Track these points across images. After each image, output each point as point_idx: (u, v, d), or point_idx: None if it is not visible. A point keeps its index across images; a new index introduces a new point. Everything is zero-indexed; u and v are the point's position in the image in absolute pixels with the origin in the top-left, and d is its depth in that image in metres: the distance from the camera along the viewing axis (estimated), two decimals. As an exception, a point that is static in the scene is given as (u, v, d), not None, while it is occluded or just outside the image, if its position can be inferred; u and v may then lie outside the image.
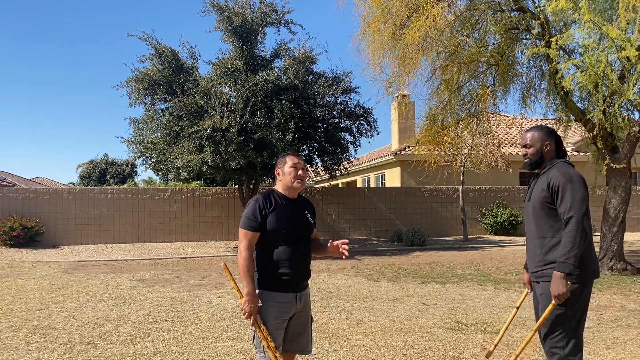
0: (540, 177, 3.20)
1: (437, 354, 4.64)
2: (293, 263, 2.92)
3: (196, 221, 16.68)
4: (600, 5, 8.05)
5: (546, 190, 3.06)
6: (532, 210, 3.16)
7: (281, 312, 2.91)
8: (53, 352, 4.80)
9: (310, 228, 3.07)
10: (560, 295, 2.88)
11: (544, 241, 3.07)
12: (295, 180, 2.99)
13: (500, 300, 7.06)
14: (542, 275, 3.07)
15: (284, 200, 3.01)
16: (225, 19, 12.90)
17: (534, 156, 3.22)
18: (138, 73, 13.34)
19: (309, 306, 3.11)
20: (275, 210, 2.93)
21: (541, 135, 3.22)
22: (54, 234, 15.60)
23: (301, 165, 3.04)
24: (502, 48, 9.68)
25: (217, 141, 12.18)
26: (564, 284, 2.87)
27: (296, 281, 2.95)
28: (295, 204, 3.05)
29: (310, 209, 3.16)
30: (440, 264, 11.04)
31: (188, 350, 4.81)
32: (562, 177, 3.01)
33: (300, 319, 3.03)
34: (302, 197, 3.18)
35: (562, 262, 2.88)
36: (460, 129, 11.75)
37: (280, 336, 2.91)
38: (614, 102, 8.14)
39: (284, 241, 2.92)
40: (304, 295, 3.03)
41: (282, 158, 3.09)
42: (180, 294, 7.73)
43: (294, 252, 2.93)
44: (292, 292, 2.95)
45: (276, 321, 2.90)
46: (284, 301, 2.92)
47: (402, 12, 9.62)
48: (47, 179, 43.82)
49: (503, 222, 17.49)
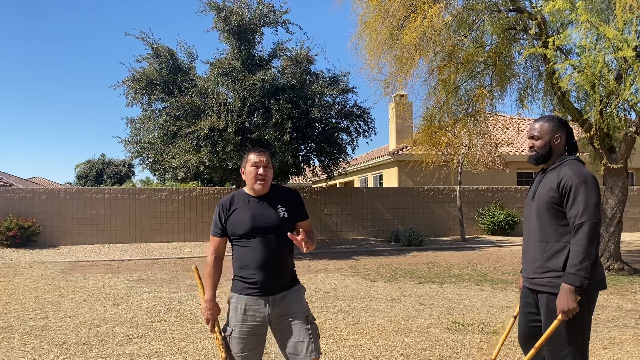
0: (547, 174, 2.88)
1: (434, 354, 4.63)
2: (258, 264, 2.73)
3: (193, 221, 16.66)
4: (597, 6, 8.07)
5: (555, 189, 2.75)
6: (536, 210, 2.86)
7: (246, 317, 2.75)
8: (49, 352, 4.78)
9: (280, 223, 2.78)
10: (570, 311, 2.61)
11: (547, 245, 2.79)
12: (257, 182, 2.79)
13: (497, 301, 7.06)
14: (541, 283, 2.80)
15: (248, 199, 2.85)
16: (223, 18, 12.89)
17: (542, 149, 2.90)
18: (135, 73, 13.32)
19: (297, 309, 2.79)
20: (235, 212, 2.82)
21: (551, 126, 2.89)
22: (50, 234, 15.55)
23: (262, 163, 2.80)
24: (500, 48, 9.69)
25: (214, 141, 12.17)
26: (574, 299, 2.59)
27: (264, 283, 2.74)
28: (261, 201, 2.83)
29: (288, 201, 2.87)
30: (438, 264, 11.04)
31: (185, 351, 4.80)
32: (576, 177, 2.70)
33: (283, 324, 2.77)
34: (279, 189, 2.93)
35: (573, 274, 2.60)
36: (457, 129, 11.75)
37: (242, 344, 2.75)
38: (610, 103, 8.15)
39: (246, 242, 2.77)
40: (280, 299, 2.77)
41: (245, 156, 2.89)
42: (177, 294, 7.71)
43: (257, 252, 2.74)
44: (260, 295, 2.74)
45: (240, 326, 2.75)
46: (249, 305, 2.75)
47: (399, 12, 9.62)
48: (44, 179, 43.71)
49: (500, 222, 17.51)
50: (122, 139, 13.97)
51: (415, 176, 19.09)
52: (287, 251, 2.83)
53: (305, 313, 2.79)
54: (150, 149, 13.53)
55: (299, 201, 2.93)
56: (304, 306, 2.83)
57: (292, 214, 2.85)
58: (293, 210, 2.86)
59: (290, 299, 2.80)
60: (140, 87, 13.23)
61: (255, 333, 2.78)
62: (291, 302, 2.80)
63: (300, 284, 2.92)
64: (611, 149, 9.59)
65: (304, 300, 2.88)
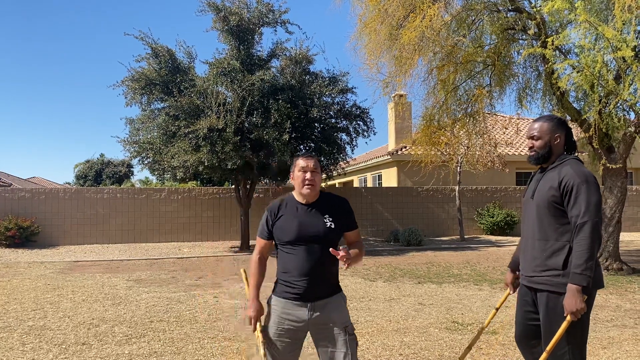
0: (548, 173, 2.92)
1: (434, 354, 4.64)
2: (301, 272, 2.73)
3: (192, 221, 16.66)
4: (596, 6, 8.08)
5: (556, 188, 2.78)
6: (536, 209, 2.89)
7: (283, 319, 2.76)
8: (48, 352, 4.78)
9: (325, 233, 2.76)
10: (578, 311, 2.63)
11: (546, 244, 2.82)
12: (304, 186, 2.78)
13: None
14: (541, 282, 2.83)
15: (297, 205, 2.83)
16: (222, 18, 12.88)
17: (542, 149, 2.93)
18: (134, 72, 13.30)
19: (336, 319, 2.76)
20: (282, 217, 2.82)
21: (551, 126, 2.93)
22: (49, 234, 15.55)
23: (310, 168, 2.79)
24: (499, 48, 9.69)
25: (213, 141, 12.16)
26: (581, 299, 2.62)
27: (305, 289, 2.73)
28: (309, 209, 2.81)
29: (336, 211, 2.84)
30: (437, 264, 11.05)
31: (184, 351, 4.80)
32: (578, 176, 2.73)
33: (322, 333, 2.75)
34: (327, 197, 2.89)
35: (579, 274, 2.62)
36: (456, 129, 11.76)
37: (280, 346, 2.76)
38: (609, 103, 8.16)
39: (291, 249, 2.78)
40: (320, 307, 2.76)
41: (294, 160, 2.87)
42: (177, 294, 7.71)
43: (301, 260, 2.74)
44: (300, 300, 2.74)
45: (277, 328, 2.77)
46: (287, 308, 2.76)
47: (398, 12, 9.62)
48: (43, 179, 43.67)
49: (499, 222, 17.52)
50: (121, 139, 13.94)
51: (414, 176, 19.10)
52: (331, 261, 2.79)
53: (344, 324, 2.76)
54: (150, 148, 13.51)
55: (348, 210, 2.90)
56: (344, 316, 2.81)
57: (340, 224, 2.83)
58: (341, 219, 2.84)
59: (331, 307, 2.78)
60: (140, 87, 13.21)
61: (291, 337, 2.77)
62: (331, 310, 2.78)
63: (341, 293, 2.89)
64: (610, 148, 9.59)
65: (344, 309, 2.85)
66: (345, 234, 2.88)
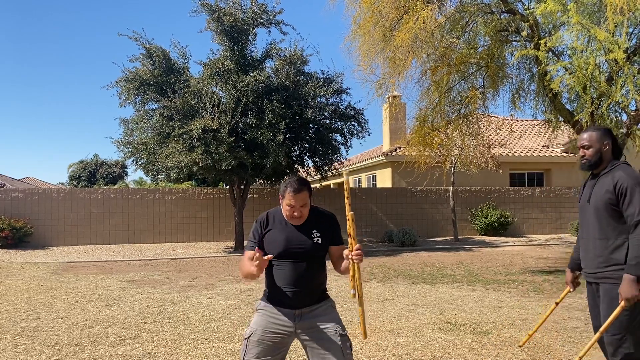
0: (601, 178, 3.20)
1: (426, 355, 4.66)
2: (288, 284, 2.76)
3: (187, 222, 16.63)
4: (588, 8, 8.13)
5: (612, 191, 3.08)
6: (595, 211, 3.17)
7: (270, 323, 2.78)
8: (41, 354, 4.76)
9: (312, 249, 2.78)
10: (632, 298, 2.92)
11: (607, 242, 3.11)
12: (292, 218, 2.80)
13: (489, 301, 7.10)
14: (604, 276, 3.12)
15: (284, 220, 2.84)
16: (216, 19, 12.88)
17: (593, 157, 3.24)
18: (128, 73, 13.29)
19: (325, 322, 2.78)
20: (271, 231, 2.83)
21: (599, 135, 3.25)
22: (43, 235, 15.48)
23: (299, 206, 2.75)
24: (492, 50, 9.74)
25: (207, 142, 12.15)
26: (636, 287, 2.91)
27: (292, 297, 2.76)
28: (296, 226, 2.82)
29: (323, 225, 2.86)
30: (431, 265, 11.08)
31: (177, 352, 4.80)
32: (631, 179, 3.04)
33: (312, 337, 2.75)
34: (316, 213, 2.89)
35: (634, 265, 2.93)
36: (450, 130, 11.80)
37: (258, 349, 2.73)
38: (602, 104, 8.22)
39: (278, 262, 2.78)
40: (307, 313, 2.78)
41: (284, 188, 2.78)
42: (170, 295, 7.70)
43: (287, 274, 2.76)
44: (288, 307, 2.77)
45: (262, 331, 2.76)
46: (275, 312, 2.79)
47: (392, 13, 9.64)
48: (36, 179, 43.46)
49: (493, 222, 17.59)
50: (115, 140, 13.92)
51: (408, 177, 19.13)
52: (318, 272, 2.84)
53: (335, 325, 2.77)
54: (144, 149, 13.49)
55: (335, 226, 2.92)
56: (333, 317, 2.82)
57: (326, 239, 2.85)
58: (327, 235, 2.86)
59: (318, 312, 2.81)
60: (134, 88, 13.19)
61: (274, 342, 2.77)
62: (319, 315, 2.80)
63: (329, 299, 2.91)
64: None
65: (333, 312, 2.86)
66: (330, 247, 2.88)
